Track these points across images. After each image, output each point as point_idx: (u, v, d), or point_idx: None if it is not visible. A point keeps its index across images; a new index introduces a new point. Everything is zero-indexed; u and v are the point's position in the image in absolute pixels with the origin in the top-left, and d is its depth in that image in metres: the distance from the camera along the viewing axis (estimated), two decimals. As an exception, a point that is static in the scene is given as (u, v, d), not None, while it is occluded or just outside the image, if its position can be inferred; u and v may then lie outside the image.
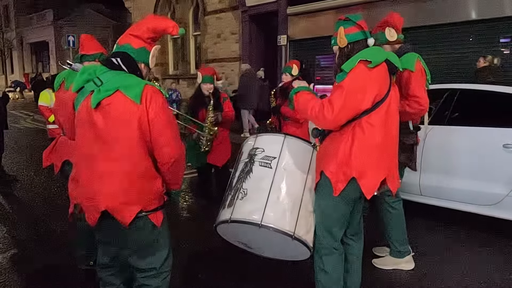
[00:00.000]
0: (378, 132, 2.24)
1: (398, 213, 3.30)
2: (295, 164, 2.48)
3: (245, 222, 2.33)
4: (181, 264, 3.35)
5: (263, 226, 2.28)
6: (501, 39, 7.88)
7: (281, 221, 2.31)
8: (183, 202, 5.31)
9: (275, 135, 2.68)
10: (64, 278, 3.27)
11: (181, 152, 2.03)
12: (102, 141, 1.88)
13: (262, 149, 2.53)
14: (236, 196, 2.44)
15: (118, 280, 2.23)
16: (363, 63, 2.20)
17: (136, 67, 2.01)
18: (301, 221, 2.36)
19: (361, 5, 9.25)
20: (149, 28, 2.02)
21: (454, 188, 4.06)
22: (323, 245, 2.42)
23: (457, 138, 4.10)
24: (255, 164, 2.49)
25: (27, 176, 6.70)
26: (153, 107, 1.89)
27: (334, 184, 2.27)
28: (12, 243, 4.00)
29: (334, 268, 2.43)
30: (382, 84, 2.24)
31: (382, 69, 2.24)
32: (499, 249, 3.72)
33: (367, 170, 2.24)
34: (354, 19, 2.35)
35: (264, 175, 2.43)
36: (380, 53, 2.27)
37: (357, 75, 2.19)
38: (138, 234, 1.97)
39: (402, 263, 3.35)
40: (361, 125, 2.23)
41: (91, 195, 1.91)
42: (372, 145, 2.24)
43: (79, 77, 1.95)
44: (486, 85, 4.30)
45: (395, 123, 2.37)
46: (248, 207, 2.36)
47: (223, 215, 2.45)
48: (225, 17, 13.24)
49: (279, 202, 2.36)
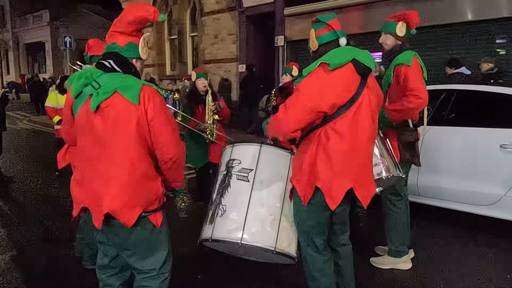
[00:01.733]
0: (344, 139, 2.12)
1: (400, 212, 3.30)
2: (273, 175, 2.45)
3: (225, 241, 2.37)
4: (180, 265, 3.34)
5: (243, 245, 2.31)
6: (497, 40, 7.92)
7: (262, 237, 2.33)
8: (181, 203, 5.31)
9: (251, 145, 2.58)
10: (63, 279, 3.26)
11: (181, 151, 2.03)
12: (103, 144, 1.88)
13: (239, 161, 2.50)
14: (216, 212, 2.45)
15: (117, 282, 2.22)
16: (322, 66, 2.13)
17: (129, 66, 1.99)
18: (282, 234, 2.37)
19: (358, 6, 9.26)
20: (129, 21, 1.97)
21: (452, 189, 4.08)
22: (307, 252, 2.39)
23: (455, 138, 4.12)
24: (233, 177, 2.47)
25: (24, 177, 6.68)
26: (151, 107, 1.89)
27: (301, 193, 2.22)
28: (10, 244, 3.98)
29: (320, 274, 2.38)
30: (343, 87, 2.11)
31: (346, 71, 2.12)
32: (498, 249, 3.74)
33: (331, 179, 2.14)
34: (325, 20, 2.27)
35: (242, 190, 2.42)
36: (344, 53, 2.15)
37: (313, 78, 2.14)
38: (138, 235, 1.97)
39: (399, 263, 3.36)
40: (326, 132, 2.14)
41: (95, 198, 1.91)
42: (337, 153, 2.12)
43: (76, 82, 1.94)
44: (483, 86, 4.34)
45: (366, 128, 2.19)
46: (227, 225, 2.38)
47: (205, 232, 2.47)
48: (223, 18, 13.24)
49: (258, 217, 2.36)
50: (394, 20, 3.16)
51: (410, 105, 2.95)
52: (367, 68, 2.15)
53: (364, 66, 2.14)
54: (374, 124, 2.26)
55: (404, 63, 3.00)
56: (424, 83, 3.17)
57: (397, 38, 3.16)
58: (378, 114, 2.37)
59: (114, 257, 2.16)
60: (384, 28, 3.22)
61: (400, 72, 3.02)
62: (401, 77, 3.02)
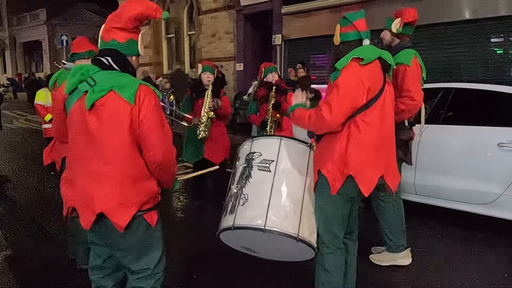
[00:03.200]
0: (373, 130, 2.24)
1: (391, 206, 3.31)
2: (294, 166, 2.47)
3: (249, 227, 2.33)
4: (175, 264, 3.33)
5: (267, 231, 2.28)
6: (494, 39, 7.92)
7: (285, 224, 2.31)
8: (177, 203, 5.29)
9: (271, 138, 2.67)
10: (59, 279, 3.24)
11: (169, 156, 1.96)
12: (96, 142, 1.85)
13: (259, 153, 2.53)
14: (238, 202, 2.43)
15: (110, 283, 2.19)
16: (355, 61, 2.23)
17: (127, 64, 1.95)
18: (304, 222, 2.36)
19: (356, 4, 9.25)
20: (131, 17, 1.91)
21: (449, 187, 4.07)
22: (325, 244, 2.42)
23: (452, 137, 4.11)
24: (254, 168, 2.48)
25: (20, 177, 6.65)
26: (144, 107, 1.85)
27: (332, 182, 2.28)
28: (6, 244, 3.96)
29: (335, 267, 2.43)
30: (375, 81, 2.25)
31: (375, 66, 2.26)
32: (495, 247, 3.73)
33: (363, 168, 2.25)
34: (351, 18, 2.34)
35: (264, 179, 2.42)
36: (372, 51, 2.28)
37: (351, 72, 2.22)
38: (132, 234, 1.94)
39: (399, 258, 3.34)
40: (356, 123, 2.24)
41: (86, 197, 1.87)
42: (368, 143, 2.24)
43: (71, 78, 1.90)
44: (480, 84, 4.32)
45: (390, 121, 2.38)
46: (250, 212, 2.36)
47: (226, 222, 2.43)
48: (220, 17, 13.22)
49: (281, 205, 2.36)
50: (393, 17, 3.21)
51: (403, 107, 2.99)
52: (390, 65, 2.35)
53: (387, 64, 2.33)
54: (393, 115, 2.44)
55: (403, 62, 3.02)
56: (422, 84, 3.17)
57: (393, 35, 3.19)
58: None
59: (107, 258, 2.13)
60: (385, 24, 3.28)
61: (398, 71, 3.02)
62: (399, 76, 3.02)
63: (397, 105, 2.94)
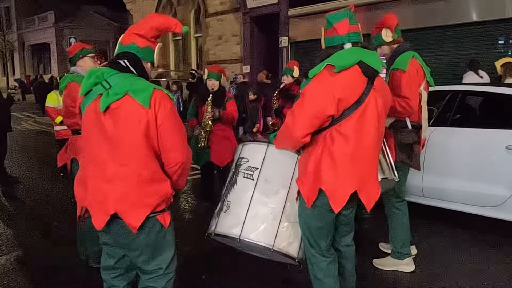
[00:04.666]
0: (349, 141, 2.11)
1: (402, 214, 3.31)
2: (277, 175, 2.47)
3: (225, 236, 2.46)
4: (184, 265, 3.35)
5: (241, 241, 2.39)
6: (501, 41, 7.89)
7: (259, 235, 2.38)
8: (185, 203, 5.32)
9: (259, 144, 2.64)
10: (68, 279, 3.27)
11: (188, 157, 2.05)
12: (111, 145, 1.88)
13: (246, 159, 2.56)
14: (221, 208, 2.54)
15: (122, 283, 2.22)
16: (327, 68, 2.11)
17: (143, 68, 2.02)
18: (282, 233, 2.40)
19: (362, 7, 9.25)
20: (152, 26, 2.03)
21: (457, 190, 4.06)
22: (311, 253, 2.39)
23: (460, 139, 4.10)
24: (239, 175, 2.54)
25: (29, 178, 6.71)
26: (161, 112, 1.90)
27: (305, 195, 2.22)
28: (16, 244, 4.00)
29: (325, 275, 2.37)
30: (348, 90, 2.09)
31: (352, 73, 2.09)
32: (503, 251, 3.72)
33: (335, 182, 2.13)
34: (332, 21, 2.19)
35: (246, 187, 2.48)
36: (350, 55, 2.11)
37: (319, 81, 2.11)
38: (146, 235, 1.97)
39: (401, 264, 3.34)
40: (332, 134, 2.13)
41: (100, 198, 1.90)
42: (341, 156, 2.12)
43: (86, 81, 1.94)
44: (488, 87, 4.31)
45: (372, 131, 2.16)
46: (229, 220, 2.46)
47: (211, 226, 2.59)
48: (227, 19, 13.26)
49: (258, 216, 2.41)
50: (377, 32, 3.19)
51: (398, 108, 2.96)
52: (374, 70, 2.13)
53: (371, 68, 2.12)
54: (380, 126, 2.23)
55: (399, 67, 2.99)
56: (432, 84, 3.15)
57: (389, 44, 3.17)
58: (386, 116, 2.34)
59: (119, 258, 2.16)
60: (375, 43, 3.23)
61: (394, 77, 3.02)
62: (394, 82, 3.01)
63: (393, 102, 2.87)
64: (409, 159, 3.14)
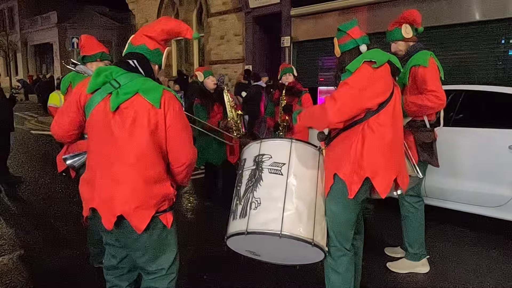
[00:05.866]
0: (387, 131, 2.26)
1: (420, 213, 3.31)
2: (305, 169, 2.44)
3: (264, 233, 2.25)
4: (186, 265, 3.35)
5: (283, 236, 2.22)
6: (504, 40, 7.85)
7: (300, 229, 2.27)
8: (187, 204, 5.32)
9: (281, 140, 2.59)
10: (71, 279, 3.28)
11: (194, 157, 2.10)
12: (119, 145, 1.88)
13: (269, 155, 2.46)
14: (249, 206, 2.35)
15: (125, 283, 2.23)
16: (367, 64, 2.24)
17: (151, 70, 2.03)
18: (317, 226, 2.34)
19: (365, 7, 9.23)
20: (164, 30, 2.05)
21: (460, 190, 4.05)
22: (337, 247, 2.42)
23: (463, 139, 4.08)
24: (264, 171, 2.41)
25: (32, 177, 6.73)
26: (171, 113, 1.92)
27: (349, 186, 2.27)
28: (18, 244, 4.01)
29: (347, 268, 2.44)
30: (386, 84, 2.27)
31: (385, 70, 2.28)
32: (507, 251, 3.71)
33: (379, 170, 2.25)
34: (344, 29, 2.39)
35: (276, 183, 2.37)
36: (382, 54, 2.30)
37: (363, 74, 2.23)
38: (149, 235, 1.96)
39: (418, 266, 3.32)
40: (370, 125, 2.25)
41: (107, 199, 1.89)
42: (383, 145, 2.25)
43: (94, 80, 1.93)
44: (491, 86, 4.29)
45: (400, 123, 2.40)
46: (264, 217, 2.28)
47: (237, 226, 2.34)
48: (229, 19, 13.25)
49: (295, 209, 2.31)
50: (396, 26, 3.17)
51: (429, 104, 2.95)
52: (398, 69, 2.35)
53: (396, 67, 2.33)
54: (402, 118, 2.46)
55: (420, 64, 3.00)
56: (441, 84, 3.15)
57: (407, 41, 3.15)
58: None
59: (122, 259, 2.16)
60: (390, 37, 3.22)
61: (417, 74, 3.01)
62: (418, 78, 3.00)
63: (423, 99, 2.95)
64: (430, 157, 3.17)
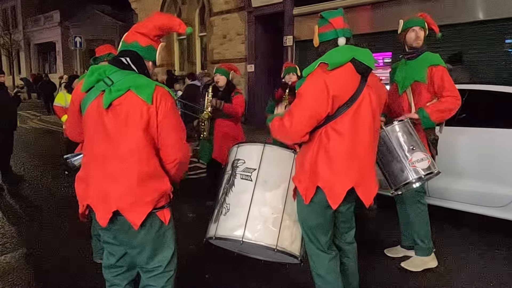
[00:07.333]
0: (344, 138, 2.12)
1: (425, 208, 3.32)
2: (276, 174, 2.47)
3: (228, 239, 2.42)
4: (188, 264, 3.35)
5: (244, 243, 2.36)
6: (509, 40, 7.81)
7: (263, 236, 2.36)
8: (188, 203, 5.31)
9: (254, 145, 2.62)
10: (73, 276, 3.29)
11: (185, 154, 2.07)
12: (113, 141, 1.89)
13: (243, 161, 2.55)
14: (220, 211, 2.51)
15: (124, 281, 2.23)
16: (321, 66, 2.13)
17: (144, 66, 2.03)
18: (284, 232, 2.39)
19: (368, 6, 9.20)
20: (156, 25, 2.04)
21: (462, 190, 4.04)
22: (312, 250, 2.38)
23: (465, 139, 4.07)
24: (237, 177, 2.52)
25: (34, 176, 6.75)
26: (162, 109, 1.92)
27: (303, 192, 2.23)
28: (21, 242, 4.03)
29: (327, 271, 2.37)
30: (343, 87, 2.10)
31: (346, 70, 2.11)
32: (509, 251, 3.69)
33: (332, 179, 2.15)
34: (327, 17, 2.24)
35: (245, 189, 2.46)
36: (342, 53, 2.13)
37: (314, 80, 2.13)
38: (146, 232, 1.97)
39: (430, 261, 3.33)
40: (327, 132, 2.14)
41: (102, 195, 1.91)
42: (337, 153, 2.13)
43: (88, 78, 1.96)
44: (494, 86, 4.27)
45: (367, 128, 2.18)
46: (230, 223, 2.43)
47: (210, 230, 2.54)
48: (231, 18, 13.24)
49: (260, 216, 2.39)
50: (423, 19, 3.17)
51: (451, 106, 3.00)
52: (367, 67, 2.14)
53: (364, 65, 2.13)
54: (375, 122, 2.25)
55: (438, 63, 3.02)
56: None
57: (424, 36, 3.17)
58: (380, 112, 2.38)
59: (121, 257, 2.16)
60: (415, 23, 3.14)
61: (437, 73, 3.02)
62: (438, 78, 3.01)
63: (444, 105, 2.98)
64: (437, 154, 3.23)
